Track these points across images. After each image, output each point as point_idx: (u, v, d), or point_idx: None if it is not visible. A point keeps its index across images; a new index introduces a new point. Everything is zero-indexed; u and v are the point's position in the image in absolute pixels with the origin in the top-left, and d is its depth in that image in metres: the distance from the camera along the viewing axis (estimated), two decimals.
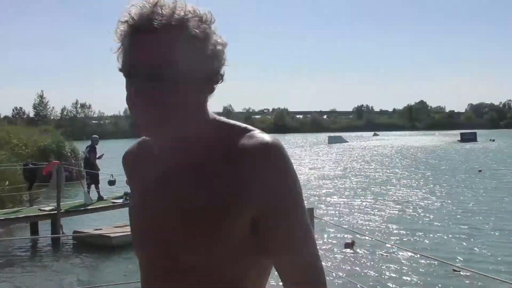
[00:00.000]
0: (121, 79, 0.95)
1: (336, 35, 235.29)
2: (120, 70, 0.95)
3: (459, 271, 8.47)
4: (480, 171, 26.21)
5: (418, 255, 9.05)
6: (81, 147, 29.93)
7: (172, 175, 0.98)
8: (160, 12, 0.89)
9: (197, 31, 0.91)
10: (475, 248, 10.47)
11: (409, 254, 9.39)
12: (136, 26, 0.90)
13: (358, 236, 10.45)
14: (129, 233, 1.12)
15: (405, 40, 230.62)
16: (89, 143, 16.12)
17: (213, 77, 0.96)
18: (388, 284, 8.34)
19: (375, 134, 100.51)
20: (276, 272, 0.99)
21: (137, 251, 1.06)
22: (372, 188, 20.04)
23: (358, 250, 10.31)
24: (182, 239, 0.94)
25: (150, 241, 1.00)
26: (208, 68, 0.94)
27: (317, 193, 18.91)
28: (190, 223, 0.93)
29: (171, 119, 0.92)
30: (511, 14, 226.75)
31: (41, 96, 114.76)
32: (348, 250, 10.30)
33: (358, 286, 7.38)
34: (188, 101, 0.93)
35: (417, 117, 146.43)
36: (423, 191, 19.26)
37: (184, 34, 0.90)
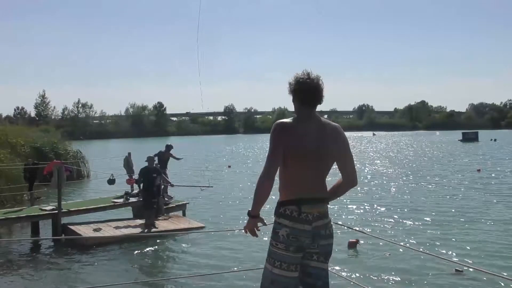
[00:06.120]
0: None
1: (336, 34, 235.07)
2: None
3: (462, 270, 8.46)
4: (478, 170, 26.20)
5: (421, 253, 9.03)
6: (81, 147, 30.02)
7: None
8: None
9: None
10: (477, 246, 10.44)
11: (412, 252, 9.36)
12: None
13: (359, 234, 10.42)
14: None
15: (406, 40, 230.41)
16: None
17: None
18: (392, 283, 8.31)
19: (373, 134, 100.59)
20: None
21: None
22: (371, 188, 20.00)
23: (361, 250, 10.28)
24: None
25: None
26: None
27: None
28: None
29: None
30: None
31: (43, 96, 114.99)
32: (351, 250, 10.26)
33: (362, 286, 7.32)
34: None
35: (418, 117, 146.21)
36: (422, 190, 19.26)
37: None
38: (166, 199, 14.62)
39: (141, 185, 12.41)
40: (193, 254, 10.55)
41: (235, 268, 9.13)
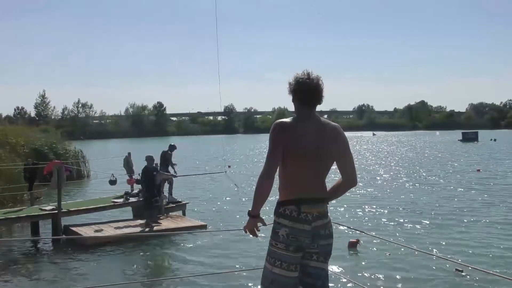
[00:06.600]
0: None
1: (336, 34, 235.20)
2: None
3: (462, 270, 8.46)
4: (478, 170, 26.18)
5: (422, 253, 9.02)
6: (81, 147, 30.00)
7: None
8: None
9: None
10: (477, 246, 10.43)
11: (413, 252, 9.36)
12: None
13: (359, 234, 10.42)
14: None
15: (406, 40, 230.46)
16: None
17: None
18: (392, 283, 8.30)
19: (373, 134, 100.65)
20: None
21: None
22: (371, 188, 20.00)
23: (361, 250, 10.27)
24: None
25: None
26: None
27: None
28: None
29: None
30: None
31: (43, 96, 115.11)
32: (351, 250, 10.23)
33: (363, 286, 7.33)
34: None
35: (418, 117, 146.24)
36: (422, 190, 19.26)
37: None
38: (175, 197, 14.81)
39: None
40: (193, 254, 10.54)
41: (235, 268, 9.13)
